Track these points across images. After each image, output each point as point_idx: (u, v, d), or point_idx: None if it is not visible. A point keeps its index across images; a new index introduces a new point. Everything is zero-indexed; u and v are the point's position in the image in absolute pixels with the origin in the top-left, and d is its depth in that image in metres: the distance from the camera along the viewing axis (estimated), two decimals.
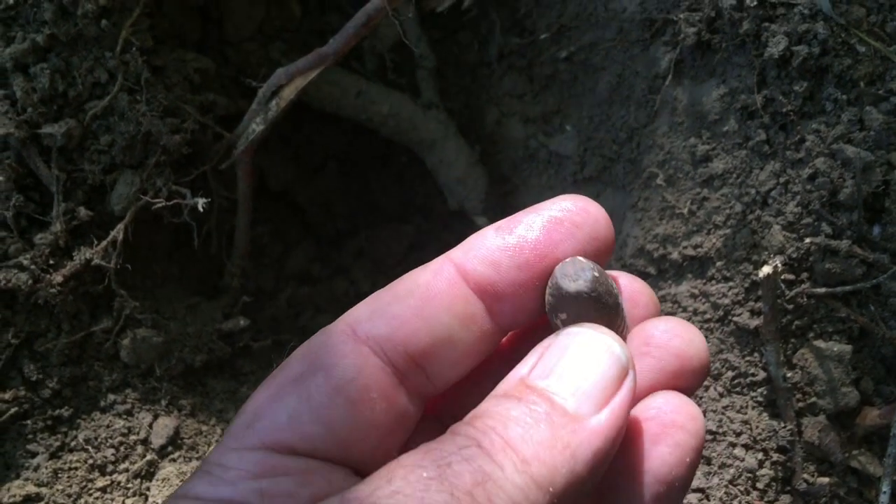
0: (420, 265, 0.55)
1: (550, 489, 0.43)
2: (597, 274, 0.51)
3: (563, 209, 0.53)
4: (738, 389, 1.07)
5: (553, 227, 0.52)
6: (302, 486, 0.48)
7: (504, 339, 0.59)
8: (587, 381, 0.47)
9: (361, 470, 0.51)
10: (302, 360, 0.52)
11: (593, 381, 0.47)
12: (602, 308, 0.51)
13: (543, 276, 0.52)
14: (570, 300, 0.51)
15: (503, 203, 1.46)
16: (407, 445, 0.55)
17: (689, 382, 0.54)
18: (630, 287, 0.57)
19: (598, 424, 0.45)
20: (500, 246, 0.53)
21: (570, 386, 0.47)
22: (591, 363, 0.48)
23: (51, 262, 1.06)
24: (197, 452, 1.12)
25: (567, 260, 0.52)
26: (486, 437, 0.44)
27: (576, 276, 0.51)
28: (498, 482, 0.42)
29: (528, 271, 0.52)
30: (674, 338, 0.54)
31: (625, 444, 0.49)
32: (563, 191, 1.37)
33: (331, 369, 0.50)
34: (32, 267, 1.03)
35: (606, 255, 0.55)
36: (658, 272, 1.16)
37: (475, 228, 1.43)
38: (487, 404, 0.47)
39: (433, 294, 0.52)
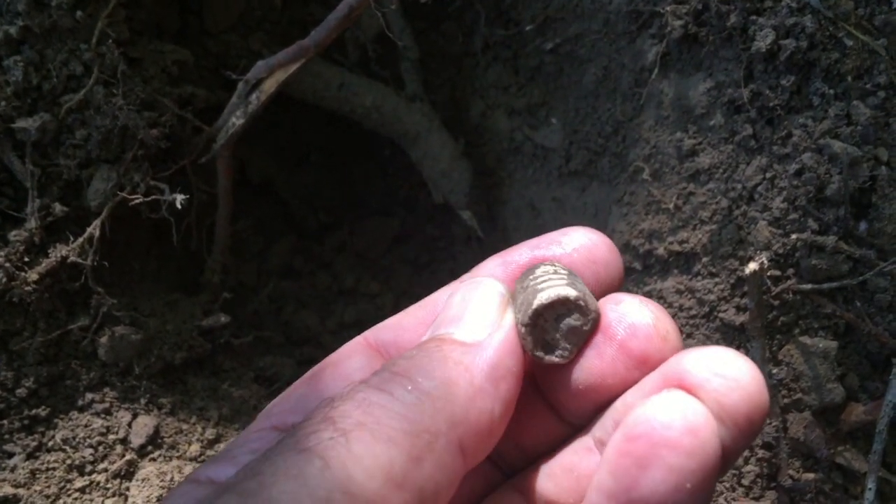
0: (404, 258, 0.59)
1: (449, 400, 0.43)
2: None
3: (568, 238, 0.55)
4: None
5: (554, 255, 0.55)
6: None
7: None
8: (473, 314, 0.50)
9: None
10: (319, 365, 0.55)
11: (478, 312, 0.50)
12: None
13: None
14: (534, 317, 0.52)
15: (488, 196, 1.45)
16: None
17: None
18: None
19: (491, 341, 0.48)
20: (499, 263, 0.56)
21: (458, 323, 0.49)
22: (474, 300, 0.51)
23: (25, 259, 1.04)
24: (177, 451, 1.11)
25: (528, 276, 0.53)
26: (376, 376, 0.45)
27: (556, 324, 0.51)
28: (385, 404, 0.42)
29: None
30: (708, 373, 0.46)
31: (610, 466, 0.44)
32: (549, 184, 1.36)
33: (339, 364, 0.54)
34: (7, 265, 1.01)
35: (616, 282, 0.55)
36: (644, 267, 1.16)
37: (460, 221, 1.42)
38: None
39: (440, 305, 0.55)
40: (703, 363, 0.45)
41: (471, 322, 0.49)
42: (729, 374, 0.44)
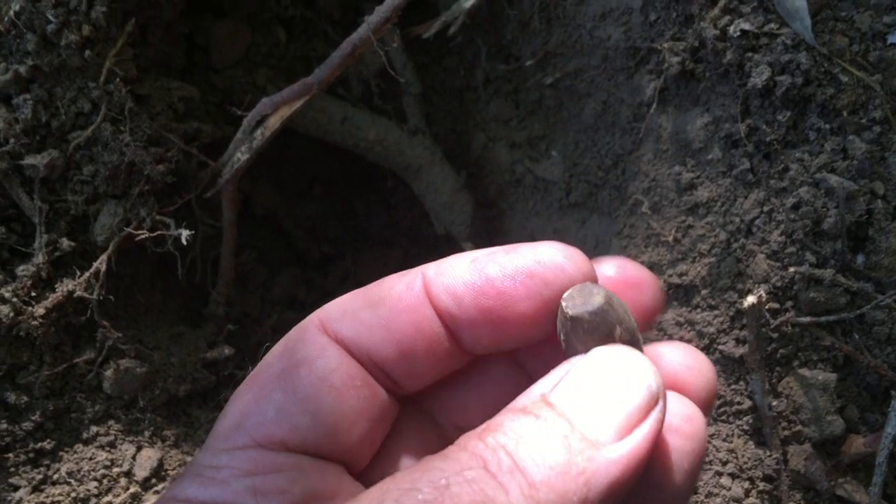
0: None
1: None
2: (602, 302, 0.49)
3: (539, 261, 0.52)
4: (723, 418, 1.07)
5: (522, 279, 0.51)
6: (294, 483, 0.47)
7: None
8: (612, 407, 0.45)
9: (352, 464, 0.51)
10: (281, 358, 0.52)
11: (618, 407, 0.45)
12: (606, 338, 0.49)
13: (501, 321, 0.52)
14: (571, 325, 0.50)
15: (489, 228, 1.46)
16: (392, 438, 0.55)
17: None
18: (684, 363, 0.55)
19: (619, 453, 0.43)
20: (467, 282, 0.52)
21: (592, 410, 0.45)
22: (619, 388, 0.46)
23: (33, 293, 1.05)
24: None
25: (578, 285, 0.51)
26: (495, 457, 0.42)
27: (582, 302, 0.49)
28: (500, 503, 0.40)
29: (488, 314, 0.52)
30: (678, 367, 0.53)
31: None
32: (550, 216, 1.37)
33: (312, 361, 0.51)
34: (14, 299, 1.02)
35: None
36: None
37: None
38: (502, 417, 0.45)
39: (402, 307, 0.53)
40: (672, 356, 0.53)
41: (604, 414, 0.45)
42: (692, 365, 0.52)
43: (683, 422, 0.48)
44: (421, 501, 0.40)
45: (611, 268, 0.56)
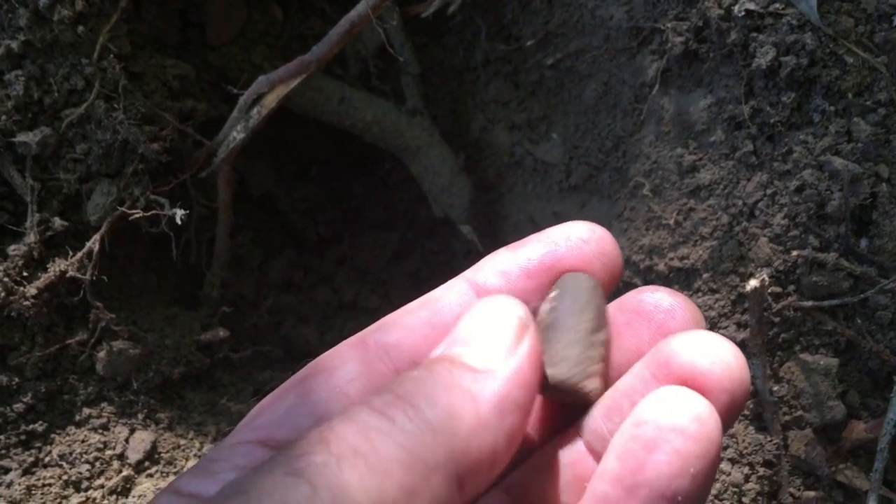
0: (404, 272, 0.56)
1: (451, 433, 0.41)
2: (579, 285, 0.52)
3: (570, 227, 0.54)
4: None
5: (561, 241, 0.54)
6: None
7: None
8: (487, 337, 0.47)
9: None
10: (309, 367, 0.53)
11: (493, 336, 0.47)
12: (581, 317, 0.51)
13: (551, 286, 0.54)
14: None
15: (488, 210, 1.45)
16: None
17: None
18: (665, 301, 0.54)
19: (503, 370, 0.45)
20: (510, 258, 0.54)
21: (471, 345, 0.46)
22: (490, 322, 0.48)
23: (24, 273, 1.03)
24: (174, 467, 1.10)
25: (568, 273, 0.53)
26: (378, 397, 0.42)
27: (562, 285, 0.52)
28: (384, 431, 0.40)
29: (537, 279, 0.53)
30: (697, 355, 0.48)
31: (617, 451, 0.46)
32: (549, 199, 1.36)
33: (332, 370, 0.51)
34: (6, 279, 1.01)
35: (616, 273, 0.55)
36: (644, 283, 1.15)
37: (460, 236, 1.42)
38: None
39: (443, 305, 0.54)
40: (690, 345, 0.48)
41: (484, 346, 0.47)
42: (712, 353, 0.47)
43: (691, 422, 0.44)
44: (304, 444, 0.39)
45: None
